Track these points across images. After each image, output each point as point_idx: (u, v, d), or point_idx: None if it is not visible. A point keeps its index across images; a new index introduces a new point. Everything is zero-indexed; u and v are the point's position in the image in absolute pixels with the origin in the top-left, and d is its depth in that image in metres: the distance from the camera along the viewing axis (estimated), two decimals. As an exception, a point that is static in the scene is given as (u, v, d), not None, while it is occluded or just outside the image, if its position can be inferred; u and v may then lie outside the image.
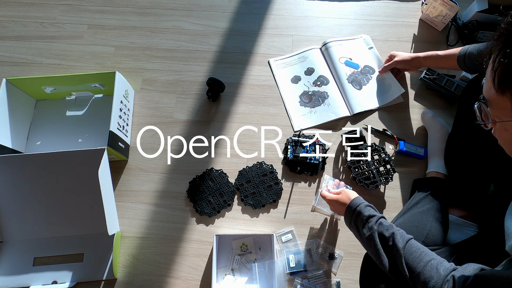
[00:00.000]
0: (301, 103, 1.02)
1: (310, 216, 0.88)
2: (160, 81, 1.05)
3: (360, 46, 1.09)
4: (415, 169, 0.92)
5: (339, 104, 1.01)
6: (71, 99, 1.01)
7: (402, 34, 1.12)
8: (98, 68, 1.07)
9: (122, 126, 0.90)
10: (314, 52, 1.09)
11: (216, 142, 0.97)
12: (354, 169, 0.89)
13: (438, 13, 1.07)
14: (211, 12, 1.17)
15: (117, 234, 0.82)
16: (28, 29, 1.13)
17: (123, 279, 0.82)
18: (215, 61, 1.08)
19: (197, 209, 0.88)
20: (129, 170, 0.93)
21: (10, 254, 0.84)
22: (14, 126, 0.91)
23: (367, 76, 1.04)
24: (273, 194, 0.90)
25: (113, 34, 1.12)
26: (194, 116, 1.00)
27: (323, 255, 0.82)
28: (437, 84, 0.98)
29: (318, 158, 0.91)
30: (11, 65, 1.07)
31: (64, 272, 0.82)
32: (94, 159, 0.79)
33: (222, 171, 0.93)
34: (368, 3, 1.18)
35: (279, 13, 1.17)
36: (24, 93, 0.96)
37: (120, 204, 0.89)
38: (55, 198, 0.86)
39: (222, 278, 0.80)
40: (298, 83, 1.05)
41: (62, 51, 1.09)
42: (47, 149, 0.94)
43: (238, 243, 0.84)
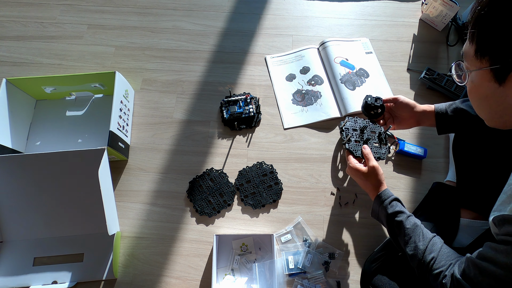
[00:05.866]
0: (293, 101, 1.02)
1: (310, 216, 0.88)
2: (160, 81, 1.05)
3: (357, 48, 1.09)
4: (415, 169, 0.92)
5: (331, 104, 1.01)
6: (71, 99, 1.01)
7: (402, 34, 1.12)
8: (98, 68, 1.07)
9: (122, 126, 0.90)
10: (311, 52, 1.09)
11: (216, 142, 0.97)
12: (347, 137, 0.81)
13: (438, 13, 1.07)
14: (211, 12, 1.17)
15: (117, 234, 0.82)
16: (28, 29, 1.13)
17: (123, 279, 0.82)
18: (215, 61, 1.08)
19: (197, 209, 0.88)
20: (129, 170, 0.93)
21: (10, 254, 0.84)
22: (14, 126, 0.91)
23: (362, 79, 1.04)
24: (273, 194, 0.90)
25: (113, 34, 1.12)
26: (194, 116, 1.00)
27: (323, 255, 0.82)
28: (437, 84, 0.98)
29: (252, 110, 0.97)
30: (11, 65, 1.07)
31: (64, 272, 0.82)
32: (94, 159, 0.79)
33: (222, 171, 0.93)
34: (368, 3, 1.18)
35: (279, 13, 1.17)
36: (24, 93, 0.96)
37: (120, 204, 0.89)
38: (55, 198, 0.86)
39: (222, 278, 0.80)
40: (292, 81, 1.05)
41: (62, 51, 1.09)
42: (47, 149, 0.94)
43: (238, 243, 0.84)
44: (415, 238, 0.61)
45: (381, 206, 0.70)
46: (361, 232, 0.86)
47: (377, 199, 0.72)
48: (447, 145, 0.95)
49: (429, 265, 0.57)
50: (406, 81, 1.04)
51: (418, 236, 0.61)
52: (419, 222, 0.64)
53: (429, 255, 0.58)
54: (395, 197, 0.70)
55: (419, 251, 0.59)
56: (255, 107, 0.98)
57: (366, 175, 0.74)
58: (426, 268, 0.57)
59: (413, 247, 0.60)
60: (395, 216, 0.66)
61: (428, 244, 0.59)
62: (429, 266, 0.57)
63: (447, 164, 0.93)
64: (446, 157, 0.94)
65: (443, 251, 0.58)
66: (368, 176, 0.74)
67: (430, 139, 0.96)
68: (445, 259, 0.56)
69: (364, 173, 0.74)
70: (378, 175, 0.73)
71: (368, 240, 0.85)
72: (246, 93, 1.01)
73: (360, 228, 0.86)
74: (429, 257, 0.57)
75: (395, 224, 0.66)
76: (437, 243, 0.60)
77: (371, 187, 0.73)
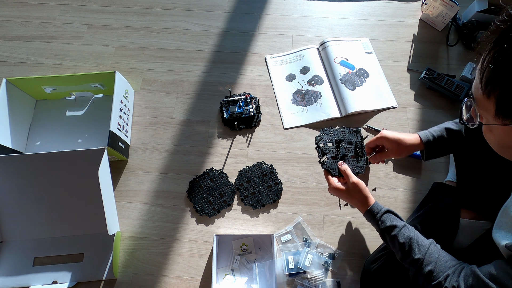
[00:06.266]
0: (293, 101, 1.02)
1: (310, 216, 0.88)
2: (160, 81, 1.05)
3: (357, 48, 1.09)
4: (415, 169, 0.92)
5: (331, 104, 1.01)
6: (71, 99, 1.01)
7: (402, 34, 1.12)
8: (98, 68, 1.07)
9: (122, 126, 0.90)
10: (311, 52, 1.09)
11: (216, 142, 0.97)
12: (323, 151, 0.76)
13: (438, 13, 1.07)
14: (211, 12, 1.17)
15: (117, 234, 0.82)
16: (28, 29, 1.13)
17: (123, 279, 0.82)
18: (215, 61, 1.08)
19: (197, 209, 0.88)
20: (129, 170, 0.93)
21: (10, 254, 0.84)
22: (14, 126, 0.91)
23: (362, 79, 1.04)
24: (273, 194, 0.90)
25: (113, 34, 1.12)
26: (194, 116, 1.00)
27: (323, 255, 0.82)
28: (437, 84, 0.98)
29: (252, 110, 0.97)
30: (11, 65, 1.07)
31: (64, 272, 0.82)
32: (94, 159, 0.79)
33: (222, 171, 0.93)
34: (368, 3, 1.18)
35: (279, 13, 1.17)
36: (24, 93, 0.96)
37: (120, 204, 0.89)
38: (55, 198, 0.86)
39: (222, 278, 0.80)
40: (292, 81, 1.05)
41: (62, 51, 1.09)
42: (47, 149, 0.94)
43: (238, 243, 0.84)
44: (411, 252, 0.60)
45: (373, 221, 0.68)
46: (361, 232, 0.86)
47: (367, 214, 0.69)
48: (447, 145, 0.95)
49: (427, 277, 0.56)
50: (406, 81, 1.05)
51: (414, 250, 0.59)
52: (414, 233, 0.62)
53: (427, 268, 0.56)
54: (386, 209, 0.67)
55: (416, 264, 0.58)
56: (255, 107, 0.98)
57: (348, 193, 0.71)
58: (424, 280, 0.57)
59: (410, 260, 0.59)
60: (388, 231, 0.64)
61: (425, 255, 0.58)
62: (426, 278, 0.56)
63: (447, 164, 0.93)
64: (446, 157, 0.94)
65: (441, 260, 0.57)
66: (351, 194, 0.70)
67: (430, 139, 0.96)
68: (442, 270, 0.55)
69: (346, 191, 0.71)
70: (361, 190, 0.69)
71: (368, 240, 0.85)
72: (246, 93, 1.01)
73: (360, 228, 0.86)
74: (427, 269, 0.56)
75: (388, 240, 0.64)
76: (433, 252, 0.58)
77: (358, 203, 0.70)
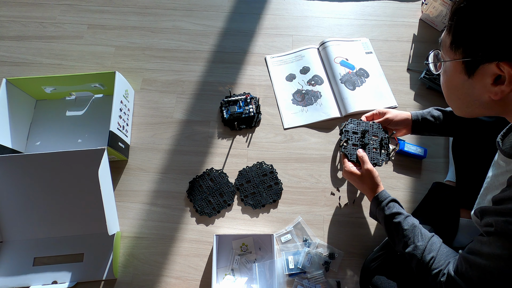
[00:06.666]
0: (293, 101, 1.02)
1: (310, 216, 0.88)
2: (160, 81, 1.05)
3: (357, 48, 1.09)
4: (415, 169, 0.92)
5: (331, 104, 1.01)
6: (71, 99, 1.01)
7: (402, 34, 1.12)
8: (98, 68, 1.07)
9: (122, 126, 0.90)
10: (311, 52, 1.09)
11: (216, 142, 0.97)
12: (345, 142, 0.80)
13: (438, 13, 1.07)
14: (211, 12, 1.17)
15: (117, 234, 0.82)
16: (28, 29, 1.13)
17: (123, 279, 0.82)
18: (215, 61, 1.08)
19: (197, 209, 0.88)
20: (129, 170, 0.93)
21: (10, 254, 0.84)
22: (14, 126, 0.91)
23: (362, 79, 1.04)
24: (273, 194, 0.90)
25: (113, 34, 1.12)
26: (194, 116, 1.00)
27: (323, 255, 0.82)
28: (437, 84, 0.98)
29: (252, 110, 0.97)
30: (11, 65, 1.07)
31: (64, 272, 0.82)
32: (94, 159, 0.79)
33: (222, 171, 0.93)
34: (368, 3, 1.18)
35: (279, 13, 1.17)
36: (24, 93, 0.96)
37: (120, 204, 0.89)
38: (55, 198, 0.86)
39: (222, 278, 0.80)
40: (292, 81, 1.05)
41: (62, 51, 1.09)
42: (47, 149, 0.94)
43: (238, 243, 0.84)
44: (414, 239, 0.61)
45: (379, 207, 0.70)
46: (361, 232, 0.86)
47: (374, 200, 0.72)
48: (447, 145, 0.95)
49: (428, 265, 0.57)
50: (406, 81, 1.05)
51: (417, 237, 0.61)
52: (417, 223, 0.64)
53: (429, 255, 0.58)
54: (392, 198, 0.70)
55: (418, 251, 0.59)
56: (255, 107, 0.98)
57: (361, 178, 0.74)
58: (425, 267, 0.57)
59: (412, 247, 0.60)
60: (392, 217, 0.66)
61: (427, 244, 0.59)
62: (428, 265, 0.57)
63: (447, 164, 0.93)
64: (446, 157, 0.94)
65: (442, 250, 0.58)
66: (363, 179, 0.74)
67: (430, 139, 0.96)
68: (444, 258, 0.57)
69: (359, 176, 0.74)
70: (373, 177, 0.73)
71: (368, 240, 0.85)
72: (246, 93, 1.01)
73: (360, 228, 0.86)
74: (429, 256, 0.58)
75: (393, 226, 0.66)
76: (436, 242, 0.60)
77: (368, 189, 0.74)
